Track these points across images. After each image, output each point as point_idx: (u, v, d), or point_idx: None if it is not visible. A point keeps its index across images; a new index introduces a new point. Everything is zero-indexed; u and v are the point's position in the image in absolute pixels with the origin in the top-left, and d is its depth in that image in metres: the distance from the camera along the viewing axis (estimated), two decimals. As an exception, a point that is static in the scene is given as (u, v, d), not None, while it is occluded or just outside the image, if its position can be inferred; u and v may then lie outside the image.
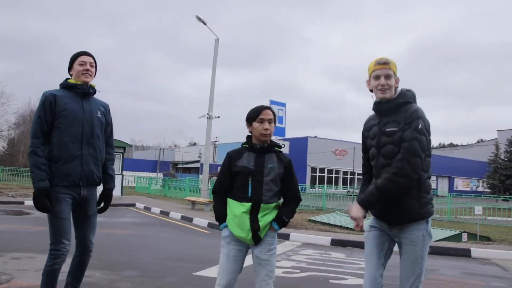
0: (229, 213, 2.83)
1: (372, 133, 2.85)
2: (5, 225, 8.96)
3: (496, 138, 52.60)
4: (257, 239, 2.78)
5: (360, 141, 3.05)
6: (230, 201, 2.86)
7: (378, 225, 2.83)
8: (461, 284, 5.50)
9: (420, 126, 2.57)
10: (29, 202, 13.94)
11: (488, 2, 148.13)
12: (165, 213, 13.41)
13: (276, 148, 2.93)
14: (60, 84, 3.21)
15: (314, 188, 28.55)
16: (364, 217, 2.69)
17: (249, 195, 2.78)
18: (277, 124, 11.53)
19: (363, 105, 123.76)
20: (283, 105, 11.77)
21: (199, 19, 16.36)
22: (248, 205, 2.76)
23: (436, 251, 8.03)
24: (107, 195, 3.37)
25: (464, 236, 10.18)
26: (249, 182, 2.79)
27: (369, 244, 2.82)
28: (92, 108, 3.24)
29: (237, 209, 2.79)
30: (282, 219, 2.84)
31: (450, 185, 51.81)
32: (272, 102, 11.53)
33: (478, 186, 53.59)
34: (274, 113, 2.96)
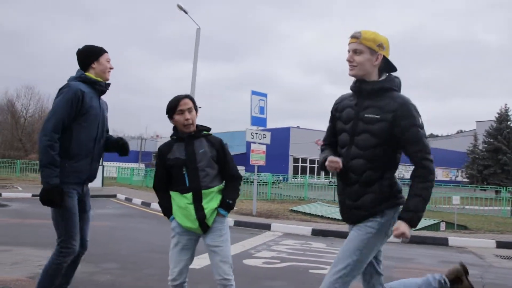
0: (174, 205, 2.83)
1: (346, 116, 2.50)
2: (-19, 217, 8.78)
3: (475, 129, 53.51)
4: (205, 227, 2.77)
5: None
6: (173, 194, 2.85)
7: (349, 229, 2.60)
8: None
9: (421, 122, 2.36)
10: (6, 194, 13.69)
11: (450, 1, 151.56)
12: (146, 204, 13.32)
13: (205, 132, 2.91)
14: (79, 77, 3.05)
15: (296, 178, 28.74)
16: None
17: (187, 185, 2.77)
18: (259, 115, 11.52)
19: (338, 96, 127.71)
20: (265, 95, 11.71)
21: (181, 8, 16.16)
22: (189, 195, 2.76)
23: (414, 240, 8.18)
24: (122, 144, 3.31)
25: (442, 225, 10.40)
26: (184, 172, 2.77)
27: None
28: (103, 106, 3.22)
29: (180, 201, 2.78)
30: (226, 203, 2.84)
31: (430, 175, 52.56)
32: (254, 92, 11.47)
33: (457, 176, 54.65)
34: (193, 100, 2.89)
